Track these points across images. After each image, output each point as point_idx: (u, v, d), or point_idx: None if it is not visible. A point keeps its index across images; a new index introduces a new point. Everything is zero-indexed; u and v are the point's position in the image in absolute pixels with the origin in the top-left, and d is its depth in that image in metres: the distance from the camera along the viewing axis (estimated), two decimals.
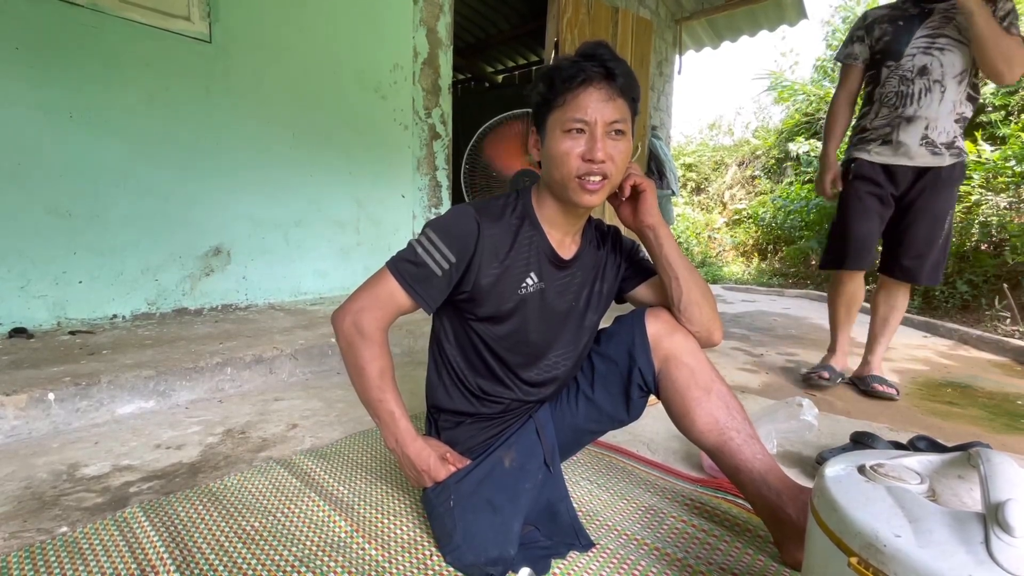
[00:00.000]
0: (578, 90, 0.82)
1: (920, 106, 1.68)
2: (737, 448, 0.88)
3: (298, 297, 2.72)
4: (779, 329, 3.14)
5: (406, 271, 0.87)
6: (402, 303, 0.88)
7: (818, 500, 0.58)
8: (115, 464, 1.18)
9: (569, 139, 0.83)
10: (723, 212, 8.27)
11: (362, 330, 0.87)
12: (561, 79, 0.83)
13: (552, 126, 0.86)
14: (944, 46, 1.64)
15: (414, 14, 3.03)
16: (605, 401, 1.00)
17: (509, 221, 0.91)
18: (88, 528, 0.92)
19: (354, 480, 1.13)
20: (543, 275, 0.93)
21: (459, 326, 0.96)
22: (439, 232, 0.87)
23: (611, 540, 0.93)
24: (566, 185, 0.86)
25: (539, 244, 0.93)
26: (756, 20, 5.28)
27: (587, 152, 0.82)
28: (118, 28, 2.00)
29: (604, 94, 0.82)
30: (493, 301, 0.91)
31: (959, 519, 0.49)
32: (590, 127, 0.82)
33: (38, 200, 1.88)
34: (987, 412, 1.77)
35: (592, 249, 1.01)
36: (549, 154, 0.86)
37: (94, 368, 1.49)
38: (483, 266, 0.88)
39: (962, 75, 1.64)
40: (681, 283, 0.93)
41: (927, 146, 1.70)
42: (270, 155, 2.51)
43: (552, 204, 0.92)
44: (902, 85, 1.71)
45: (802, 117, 7.19)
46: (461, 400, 0.98)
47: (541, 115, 0.88)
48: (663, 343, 0.93)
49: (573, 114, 0.82)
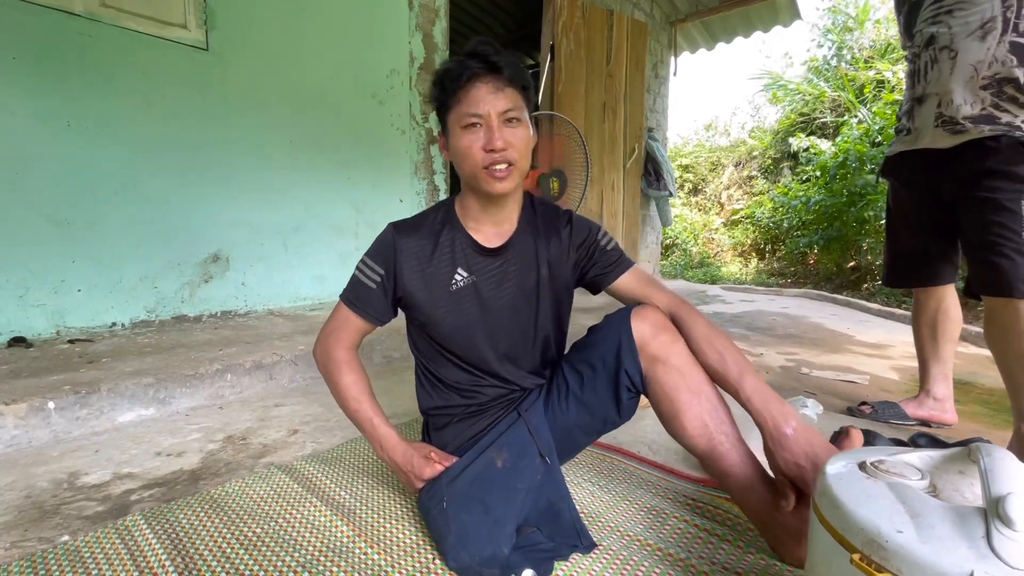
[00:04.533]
0: (467, 86, 0.86)
1: (928, 81, 1.40)
2: (726, 452, 0.87)
3: (297, 303, 2.72)
4: (778, 329, 3.14)
5: (350, 294, 0.98)
6: (356, 323, 0.98)
7: (820, 497, 0.58)
8: (116, 472, 1.17)
9: (469, 134, 0.87)
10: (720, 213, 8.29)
11: (329, 353, 0.98)
12: (450, 79, 0.88)
13: (452, 125, 0.90)
14: (952, 6, 1.33)
15: (410, 19, 3.05)
16: (595, 401, 0.99)
17: (431, 227, 0.98)
18: (89, 536, 0.91)
19: (355, 485, 1.12)
20: (471, 268, 0.97)
21: (418, 333, 1.03)
22: (368, 253, 0.98)
23: (614, 541, 0.92)
24: (476, 176, 0.90)
25: (461, 240, 0.98)
26: (750, 21, 5.31)
27: (487, 143, 0.86)
28: (115, 37, 2.01)
29: (492, 86, 0.86)
30: (429, 303, 0.96)
31: (960, 514, 0.49)
32: (485, 119, 0.86)
33: (36, 208, 1.88)
34: (987, 409, 1.77)
35: (529, 234, 1.01)
36: (455, 151, 0.91)
37: (93, 376, 1.49)
38: (406, 273, 0.95)
39: (985, 26, 1.27)
40: None
41: (944, 125, 1.36)
42: (268, 161, 2.51)
43: (472, 198, 0.97)
44: (912, 65, 1.47)
45: (798, 117, 7.22)
46: (441, 397, 1.03)
47: (442, 117, 0.93)
48: (649, 345, 0.91)
49: (467, 109, 0.86)
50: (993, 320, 1.33)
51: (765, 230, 6.78)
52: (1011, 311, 1.26)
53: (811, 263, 5.84)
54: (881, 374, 2.17)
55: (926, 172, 1.45)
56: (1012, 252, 1.25)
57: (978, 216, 1.32)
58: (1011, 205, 1.26)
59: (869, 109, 5.50)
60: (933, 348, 1.58)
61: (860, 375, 2.12)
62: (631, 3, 4.73)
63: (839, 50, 7.06)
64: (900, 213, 1.59)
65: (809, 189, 5.53)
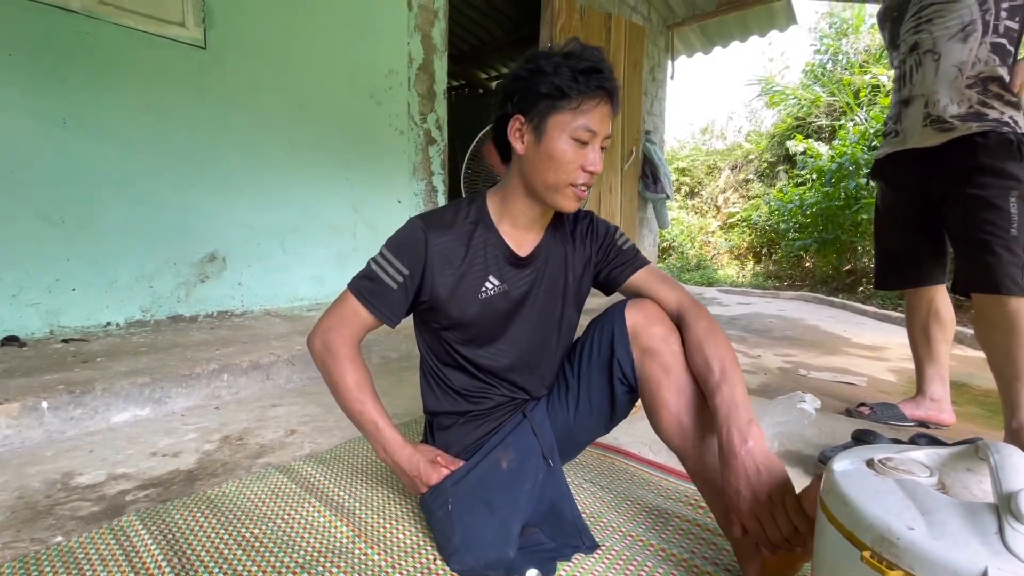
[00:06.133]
0: (594, 99, 0.82)
1: (913, 84, 1.44)
2: (696, 457, 0.85)
3: (294, 303, 2.70)
4: (775, 331, 3.15)
5: (364, 288, 0.90)
6: (365, 319, 0.90)
7: (828, 495, 0.57)
8: (110, 472, 1.16)
9: (576, 145, 0.83)
10: (717, 216, 8.32)
11: (331, 349, 0.90)
12: (582, 83, 0.81)
13: (557, 127, 0.83)
14: (932, 14, 1.39)
15: (409, 20, 3.04)
16: (590, 395, 0.98)
17: (462, 227, 0.91)
18: (84, 537, 0.90)
19: (354, 485, 1.11)
20: (503, 276, 0.93)
21: (432, 336, 0.97)
22: (391, 247, 0.90)
23: (616, 542, 0.92)
24: (558, 189, 0.85)
25: (495, 245, 0.92)
26: (747, 26, 5.34)
27: (589, 163, 0.84)
28: (113, 34, 1.99)
29: (609, 110, 0.85)
30: (455, 307, 0.90)
31: (972, 510, 0.48)
32: (594, 139, 0.84)
33: (31, 207, 1.86)
34: (984, 409, 1.78)
35: (555, 240, 0.98)
36: (548, 154, 0.84)
37: (88, 376, 1.47)
38: (436, 275, 0.88)
39: (966, 29, 1.32)
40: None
41: (932, 124, 1.39)
42: (265, 161, 2.50)
43: (523, 202, 0.91)
44: (898, 71, 1.52)
45: (793, 121, 7.26)
46: (449, 402, 0.99)
47: (540, 107, 0.83)
48: (640, 336, 0.89)
49: (587, 123, 0.82)
50: (982, 317, 1.34)
51: (761, 233, 6.81)
52: (999, 308, 1.27)
53: (807, 266, 5.86)
54: (878, 376, 2.17)
55: (913, 172, 1.47)
56: (1000, 248, 1.26)
57: (965, 213, 1.33)
58: (998, 202, 1.27)
59: (866, 113, 5.54)
60: (928, 349, 1.59)
61: (857, 376, 2.12)
62: (629, 6, 4.75)
63: (835, 55, 7.12)
64: (889, 215, 1.60)
65: (805, 193, 5.55)
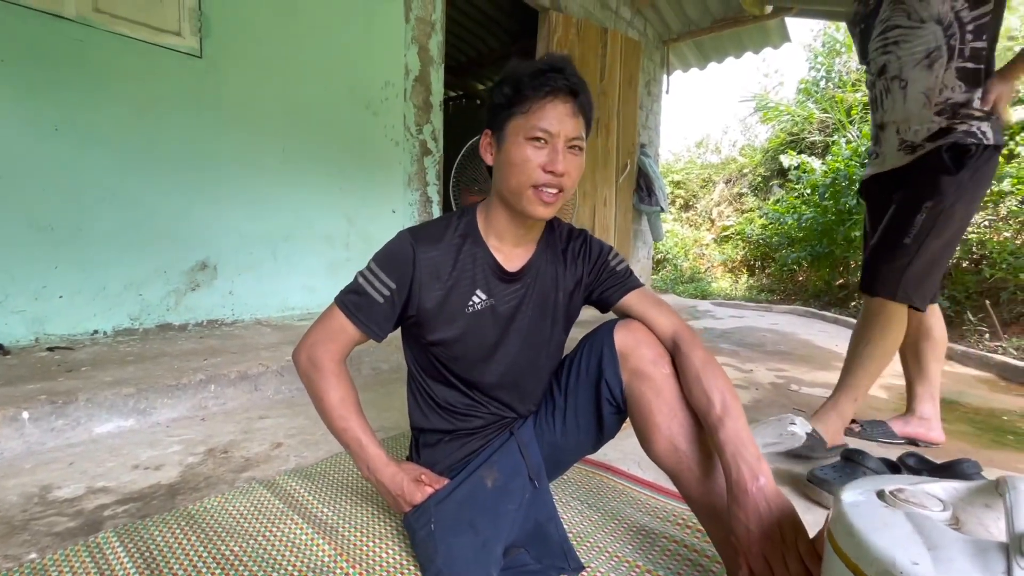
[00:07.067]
0: (545, 100, 0.81)
1: (884, 110, 1.49)
2: (692, 480, 0.84)
3: (285, 312, 2.68)
4: (768, 345, 3.15)
5: (351, 302, 0.89)
6: (352, 334, 0.89)
7: (835, 525, 0.56)
8: (90, 486, 1.14)
9: (531, 147, 0.82)
10: (711, 229, 8.37)
11: (317, 363, 0.89)
12: (531, 86, 0.82)
13: (513, 132, 0.83)
14: (898, 38, 1.41)
15: (406, 32, 3.06)
16: (577, 415, 0.97)
17: (450, 241, 0.91)
18: (58, 554, 0.88)
19: (339, 501, 1.10)
20: (491, 291, 0.92)
21: (419, 350, 0.96)
22: (379, 261, 0.89)
23: (602, 563, 0.91)
24: (521, 193, 0.84)
25: (483, 260, 0.91)
26: (741, 42, 5.41)
27: (548, 163, 0.82)
28: (107, 42, 1.99)
29: (569, 109, 0.83)
30: (442, 322, 0.89)
31: (981, 548, 0.47)
32: (553, 139, 0.82)
33: (19, 213, 1.84)
34: (974, 428, 1.78)
35: (546, 257, 0.97)
36: (507, 159, 0.84)
37: (71, 385, 1.45)
38: (424, 289, 0.88)
39: (931, 56, 1.35)
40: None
41: (905, 149, 1.45)
42: (259, 170, 2.49)
43: (502, 214, 0.91)
44: (870, 92, 1.55)
45: (787, 136, 7.35)
46: (437, 419, 0.97)
47: (500, 118, 0.85)
48: (630, 358, 0.89)
49: (538, 123, 0.81)
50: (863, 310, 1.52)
51: (755, 246, 6.85)
52: (867, 305, 1.48)
53: (800, 280, 5.89)
54: (869, 392, 2.17)
55: (890, 191, 1.52)
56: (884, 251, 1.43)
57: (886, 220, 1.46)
58: (906, 211, 1.40)
59: (858, 130, 5.61)
60: (918, 368, 1.60)
61: None
62: (625, 21, 4.81)
63: (828, 72, 7.22)
64: (874, 234, 1.61)
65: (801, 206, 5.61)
